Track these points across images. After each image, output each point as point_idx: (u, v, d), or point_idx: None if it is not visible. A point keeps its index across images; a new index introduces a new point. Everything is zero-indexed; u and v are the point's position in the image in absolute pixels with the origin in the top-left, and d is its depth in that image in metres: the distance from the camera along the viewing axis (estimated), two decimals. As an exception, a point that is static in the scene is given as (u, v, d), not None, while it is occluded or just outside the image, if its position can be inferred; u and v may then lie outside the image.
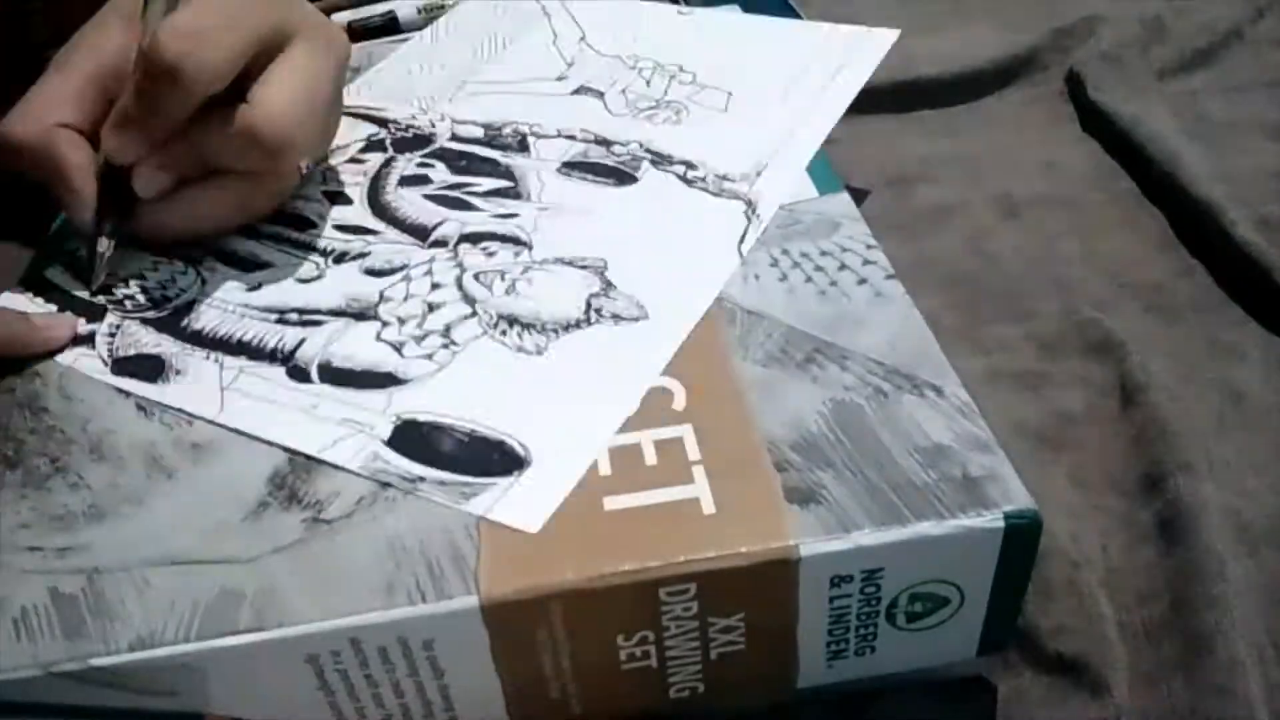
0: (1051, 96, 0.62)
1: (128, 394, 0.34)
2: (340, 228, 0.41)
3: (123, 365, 0.36)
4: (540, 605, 0.27)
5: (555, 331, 0.35)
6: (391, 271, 0.38)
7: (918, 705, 0.31)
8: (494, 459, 0.30)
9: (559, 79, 0.50)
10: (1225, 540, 0.35)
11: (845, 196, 0.40)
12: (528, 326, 0.35)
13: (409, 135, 0.46)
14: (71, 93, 0.38)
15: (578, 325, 0.35)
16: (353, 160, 0.45)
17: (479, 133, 0.46)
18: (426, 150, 0.45)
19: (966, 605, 0.29)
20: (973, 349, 0.44)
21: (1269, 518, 0.37)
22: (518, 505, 0.29)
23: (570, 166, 0.43)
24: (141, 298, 0.38)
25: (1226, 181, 0.50)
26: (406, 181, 0.43)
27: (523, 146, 0.45)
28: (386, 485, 0.30)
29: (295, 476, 0.30)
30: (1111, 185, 0.54)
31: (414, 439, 0.31)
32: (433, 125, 0.47)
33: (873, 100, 0.60)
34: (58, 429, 0.33)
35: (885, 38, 0.49)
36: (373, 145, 0.46)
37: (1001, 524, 0.27)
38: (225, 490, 0.30)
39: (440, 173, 0.43)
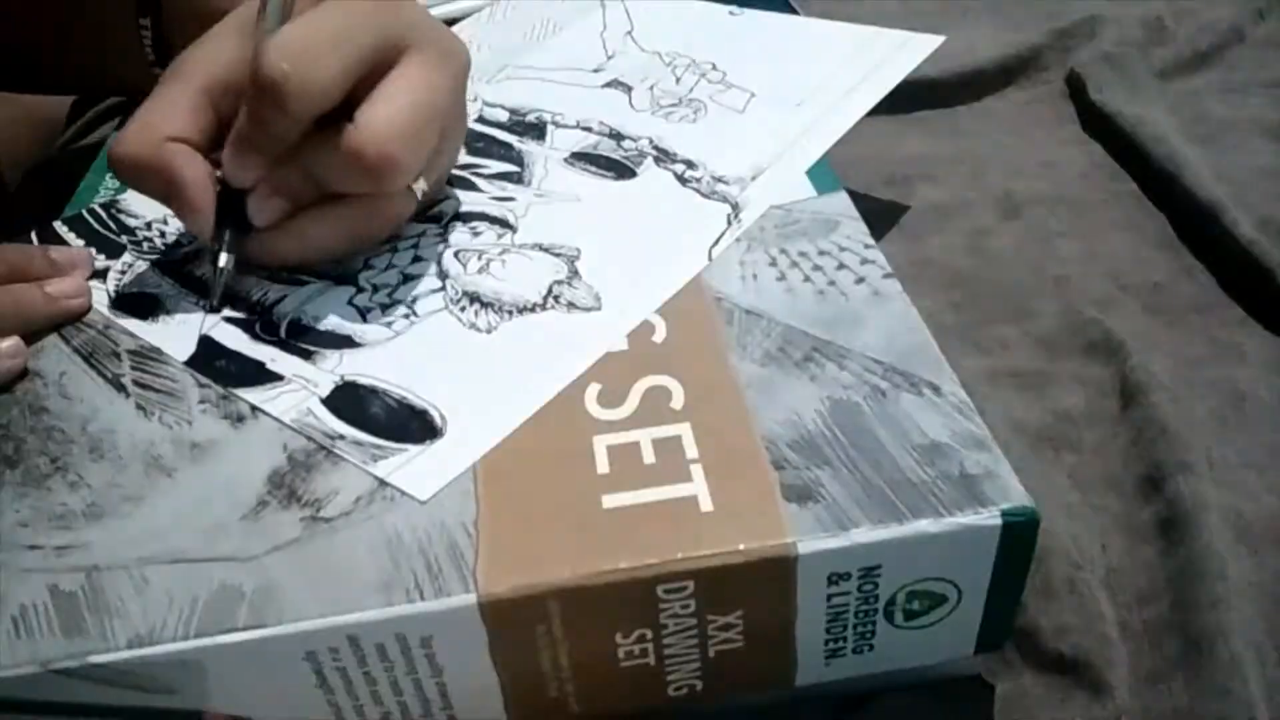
0: (1052, 96, 0.62)
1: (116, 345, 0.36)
2: None
3: (122, 301, 0.38)
4: (538, 603, 0.27)
5: (510, 313, 0.36)
6: (383, 241, 0.39)
7: (917, 705, 0.31)
8: (412, 427, 0.32)
9: (595, 70, 0.50)
10: (1225, 540, 0.35)
11: (843, 196, 0.40)
12: (486, 305, 0.36)
13: None
14: (184, 107, 0.37)
15: (532, 309, 0.36)
16: None
17: (504, 116, 0.47)
18: None
19: (964, 603, 0.29)
20: (973, 349, 0.44)
21: (1269, 518, 0.37)
22: (415, 474, 0.30)
23: (576, 157, 0.44)
24: (158, 241, 0.40)
25: (1227, 182, 0.50)
26: None
27: (540, 134, 0.46)
28: (310, 440, 0.31)
29: (294, 475, 0.30)
30: (1112, 185, 0.54)
31: (348, 400, 0.33)
32: None
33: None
34: (58, 429, 0.33)
35: (926, 44, 0.49)
36: None
37: (999, 522, 0.27)
38: (224, 489, 0.30)
39: None
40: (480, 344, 0.35)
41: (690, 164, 0.43)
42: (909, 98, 0.61)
